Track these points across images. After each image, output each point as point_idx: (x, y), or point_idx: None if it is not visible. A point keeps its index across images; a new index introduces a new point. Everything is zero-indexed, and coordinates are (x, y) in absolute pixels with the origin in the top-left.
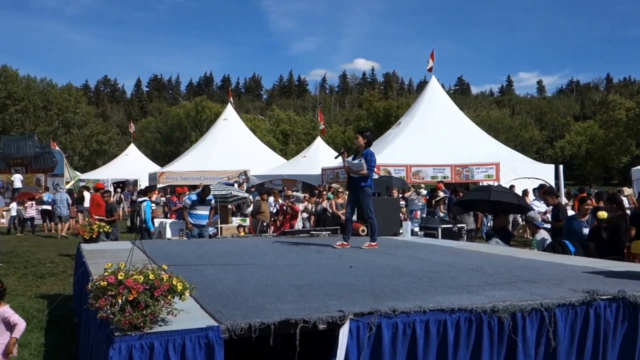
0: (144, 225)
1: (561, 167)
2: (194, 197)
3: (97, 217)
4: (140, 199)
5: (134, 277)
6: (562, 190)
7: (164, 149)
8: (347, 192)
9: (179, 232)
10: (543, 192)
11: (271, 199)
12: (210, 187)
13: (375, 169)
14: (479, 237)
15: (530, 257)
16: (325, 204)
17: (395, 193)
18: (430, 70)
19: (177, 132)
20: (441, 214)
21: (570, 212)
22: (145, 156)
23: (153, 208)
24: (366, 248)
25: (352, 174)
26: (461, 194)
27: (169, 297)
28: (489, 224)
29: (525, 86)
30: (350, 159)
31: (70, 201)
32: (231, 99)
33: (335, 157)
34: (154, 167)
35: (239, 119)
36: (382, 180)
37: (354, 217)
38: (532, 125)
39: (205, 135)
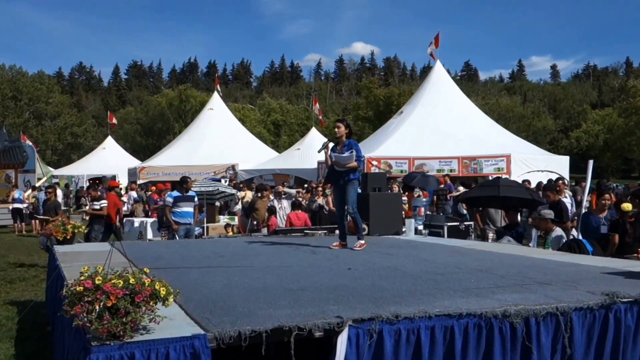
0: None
1: (591, 162)
2: (175, 193)
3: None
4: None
5: (112, 281)
6: (587, 187)
7: (145, 142)
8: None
9: (161, 232)
10: (543, 187)
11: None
12: (196, 183)
13: (376, 163)
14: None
15: (545, 257)
16: (321, 200)
17: (395, 188)
18: (431, 55)
19: (159, 124)
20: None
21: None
22: (124, 150)
23: (134, 206)
24: (358, 249)
25: (338, 167)
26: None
27: (151, 303)
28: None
29: (537, 71)
30: (330, 151)
31: None
32: (218, 86)
33: (319, 151)
34: (134, 162)
35: (226, 108)
36: (378, 175)
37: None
38: (546, 113)
39: (189, 127)
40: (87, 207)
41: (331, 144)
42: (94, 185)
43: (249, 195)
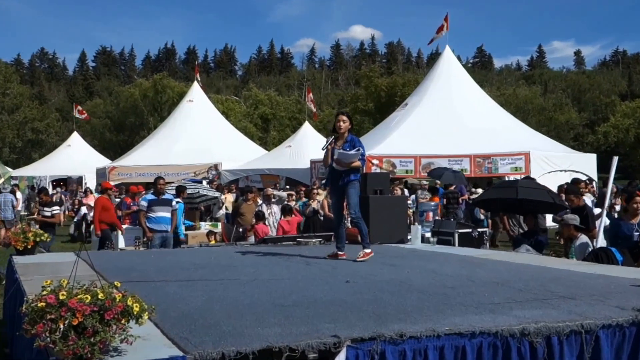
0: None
1: (615, 159)
2: (149, 196)
3: (105, 223)
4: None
5: (79, 296)
6: (610, 188)
7: (115, 139)
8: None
9: (134, 240)
10: (565, 190)
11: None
12: (174, 184)
13: (377, 162)
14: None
15: (568, 267)
16: (315, 204)
17: (398, 190)
18: (433, 40)
19: (131, 118)
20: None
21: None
22: (92, 147)
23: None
24: (362, 260)
25: (339, 166)
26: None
27: (122, 321)
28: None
29: (559, 58)
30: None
31: (15, 202)
32: (198, 76)
33: (324, 147)
34: (103, 161)
35: (207, 100)
36: (380, 176)
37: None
38: (569, 105)
39: (166, 121)
40: (37, 214)
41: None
42: (44, 189)
43: (229, 199)
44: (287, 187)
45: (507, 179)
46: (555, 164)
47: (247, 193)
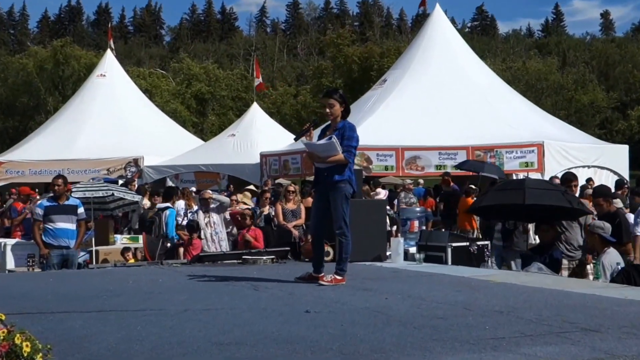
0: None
1: None
2: (46, 202)
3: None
4: (160, 205)
5: None
6: None
7: (2, 125)
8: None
9: (27, 259)
10: (593, 191)
11: (181, 202)
12: (79, 185)
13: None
14: None
15: (592, 291)
16: (267, 211)
17: (382, 192)
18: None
19: (24, 97)
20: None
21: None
22: None
23: None
24: (327, 284)
25: (317, 162)
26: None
27: None
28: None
29: (582, 22)
30: (315, 138)
31: None
32: (111, 42)
33: (296, 139)
34: None
35: (125, 75)
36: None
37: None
38: (594, 83)
39: (69, 102)
40: None
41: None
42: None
43: (147, 203)
44: (231, 187)
45: (515, 177)
46: (577, 157)
47: (155, 197)
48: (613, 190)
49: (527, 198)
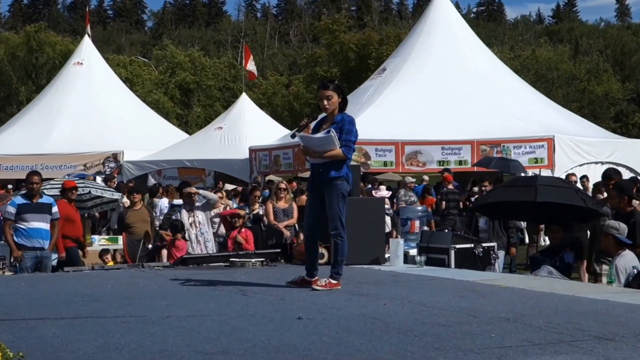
0: None
1: None
2: (19, 199)
3: (70, 238)
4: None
5: None
6: None
7: None
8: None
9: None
10: (615, 184)
11: (164, 200)
12: (54, 182)
13: None
14: None
15: (606, 296)
16: (257, 209)
17: (383, 190)
18: None
19: None
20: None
21: None
22: None
23: None
24: (321, 289)
25: (311, 158)
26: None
27: None
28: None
29: (596, 7)
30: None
31: None
32: (89, 28)
33: (293, 136)
34: None
35: (103, 63)
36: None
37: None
38: (609, 73)
39: (43, 93)
40: None
41: (310, 127)
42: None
43: (127, 202)
44: (221, 184)
45: (523, 174)
46: (590, 152)
47: (134, 194)
48: None
49: (539, 195)
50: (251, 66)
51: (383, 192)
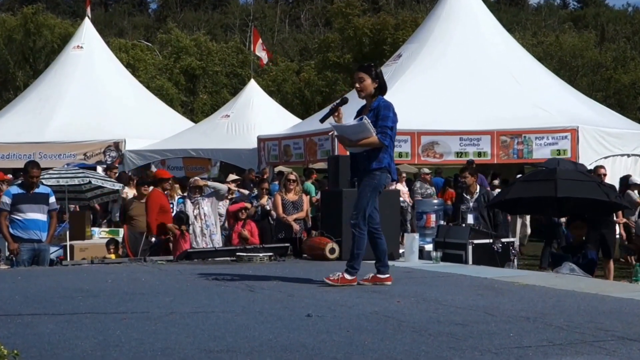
0: None
1: None
2: (14, 189)
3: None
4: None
5: None
6: None
7: None
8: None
9: None
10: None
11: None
12: (52, 171)
13: None
14: None
15: (630, 295)
16: (265, 202)
17: (402, 183)
18: None
19: None
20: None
21: None
22: None
23: None
24: (333, 283)
25: (349, 147)
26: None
27: None
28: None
29: None
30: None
31: None
32: (89, 10)
33: (322, 120)
34: None
35: (105, 47)
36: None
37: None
38: (637, 60)
39: (42, 78)
40: None
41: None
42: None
43: (129, 193)
44: (219, 174)
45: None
46: (615, 145)
47: (142, 186)
48: None
49: (559, 190)
50: (260, 52)
51: (398, 185)
